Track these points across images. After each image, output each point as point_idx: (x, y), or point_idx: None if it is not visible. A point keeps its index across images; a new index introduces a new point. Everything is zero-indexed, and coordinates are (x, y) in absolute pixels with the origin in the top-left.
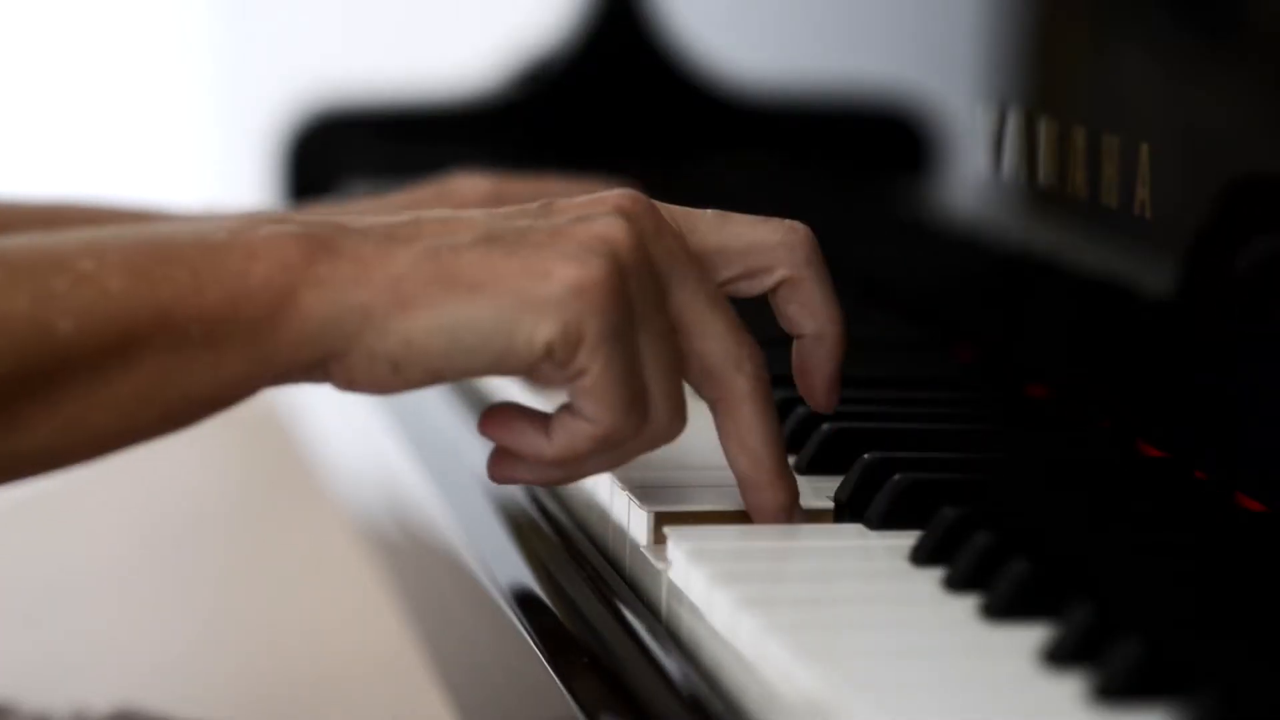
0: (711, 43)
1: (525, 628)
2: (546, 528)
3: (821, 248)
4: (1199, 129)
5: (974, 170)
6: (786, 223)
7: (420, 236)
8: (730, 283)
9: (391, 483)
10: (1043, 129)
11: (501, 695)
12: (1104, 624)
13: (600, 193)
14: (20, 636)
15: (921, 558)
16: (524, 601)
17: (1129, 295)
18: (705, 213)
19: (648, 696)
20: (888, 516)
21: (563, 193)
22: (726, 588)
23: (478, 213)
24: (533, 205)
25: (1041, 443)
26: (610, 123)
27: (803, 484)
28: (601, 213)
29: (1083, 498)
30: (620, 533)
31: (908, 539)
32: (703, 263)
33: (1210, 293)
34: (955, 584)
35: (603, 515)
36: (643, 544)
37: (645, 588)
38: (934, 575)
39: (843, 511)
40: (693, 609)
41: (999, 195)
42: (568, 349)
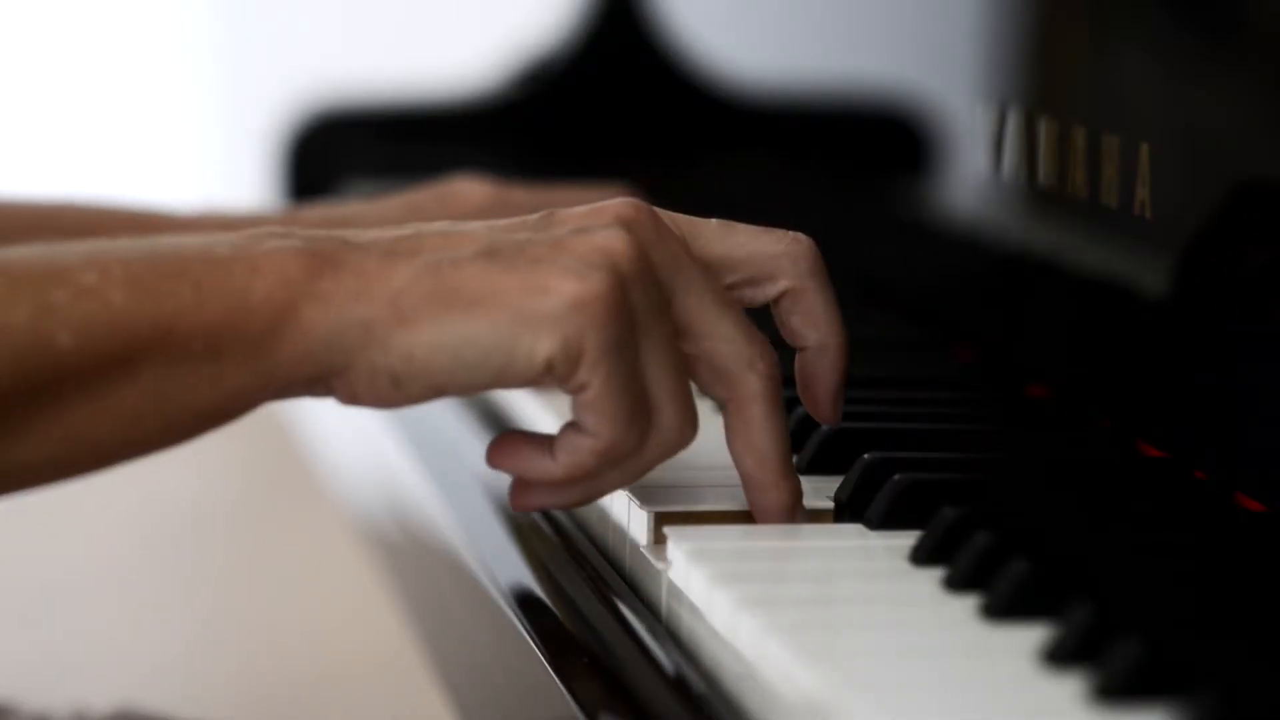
0: (711, 43)
1: (525, 628)
2: (546, 528)
3: (822, 248)
4: (1199, 129)
5: (974, 170)
6: (790, 234)
7: (421, 251)
8: (732, 290)
9: (391, 483)
10: (1043, 129)
11: (501, 695)
12: (1104, 624)
13: (601, 203)
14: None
15: (921, 558)
16: (524, 601)
17: (1129, 295)
18: (710, 221)
19: (648, 696)
20: (888, 516)
21: (565, 199)
22: (726, 588)
23: (479, 225)
24: (533, 217)
25: (1041, 443)
26: (610, 123)
27: (803, 484)
28: (601, 224)
29: (1083, 498)
30: (620, 533)
31: (908, 539)
32: (707, 268)
33: (1210, 293)
34: (955, 584)
35: (603, 515)
36: (643, 544)
37: (645, 588)
38: (934, 575)
39: (843, 511)
40: (693, 609)
41: (999, 195)
42: (568, 364)
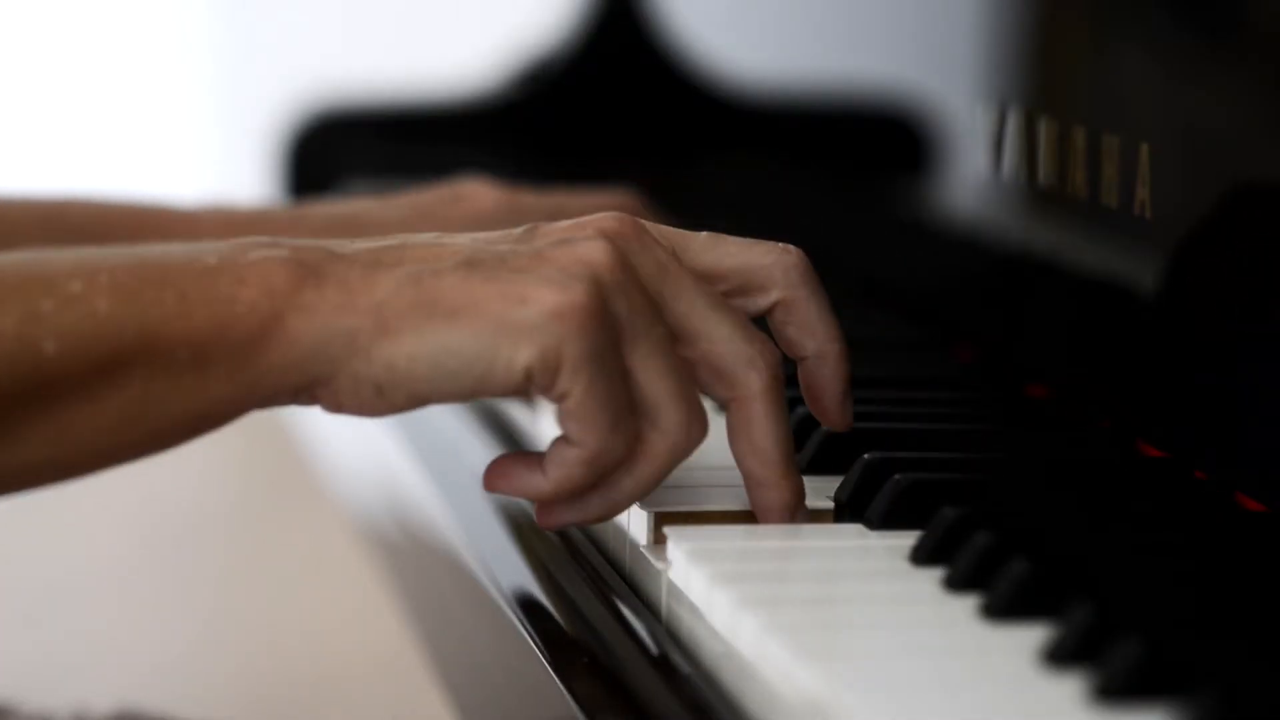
0: (711, 43)
1: (525, 628)
2: None
3: (822, 248)
4: (1199, 129)
5: (974, 170)
6: (779, 245)
7: (404, 262)
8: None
9: (391, 483)
10: (1043, 129)
11: (501, 695)
12: (1104, 624)
13: (585, 217)
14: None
15: (921, 558)
16: (524, 602)
17: (1129, 295)
18: (698, 234)
19: (648, 697)
20: (888, 516)
21: (574, 204)
22: (726, 588)
23: (463, 237)
24: (517, 230)
25: (1041, 443)
26: (610, 123)
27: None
28: (584, 236)
29: (1083, 498)
30: (620, 533)
31: (908, 539)
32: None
33: (1210, 293)
34: (955, 584)
35: None
36: (642, 544)
37: (645, 588)
38: (934, 575)
39: (843, 511)
40: (693, 609)
41: (999, 195)
42: (547, 373)
